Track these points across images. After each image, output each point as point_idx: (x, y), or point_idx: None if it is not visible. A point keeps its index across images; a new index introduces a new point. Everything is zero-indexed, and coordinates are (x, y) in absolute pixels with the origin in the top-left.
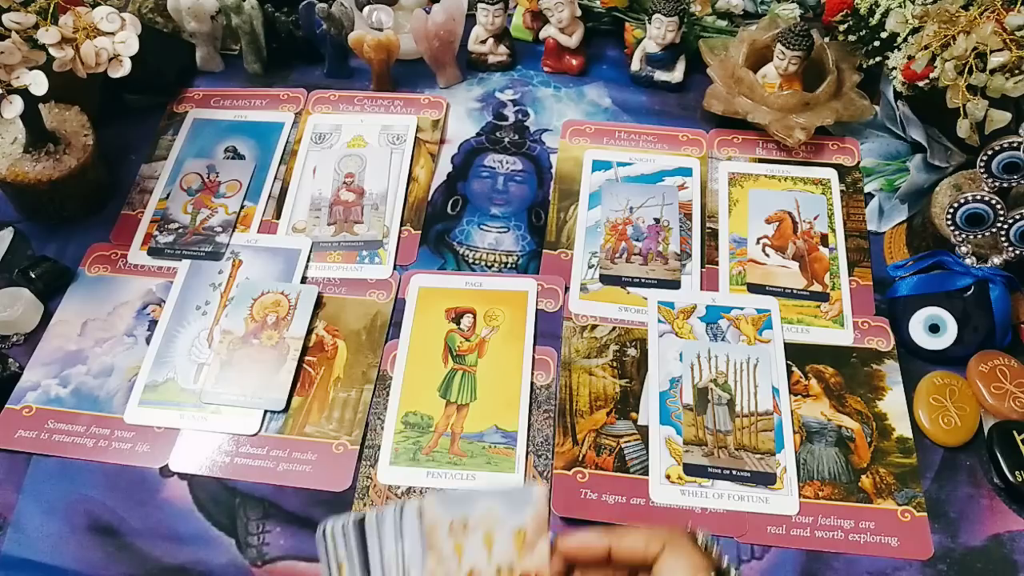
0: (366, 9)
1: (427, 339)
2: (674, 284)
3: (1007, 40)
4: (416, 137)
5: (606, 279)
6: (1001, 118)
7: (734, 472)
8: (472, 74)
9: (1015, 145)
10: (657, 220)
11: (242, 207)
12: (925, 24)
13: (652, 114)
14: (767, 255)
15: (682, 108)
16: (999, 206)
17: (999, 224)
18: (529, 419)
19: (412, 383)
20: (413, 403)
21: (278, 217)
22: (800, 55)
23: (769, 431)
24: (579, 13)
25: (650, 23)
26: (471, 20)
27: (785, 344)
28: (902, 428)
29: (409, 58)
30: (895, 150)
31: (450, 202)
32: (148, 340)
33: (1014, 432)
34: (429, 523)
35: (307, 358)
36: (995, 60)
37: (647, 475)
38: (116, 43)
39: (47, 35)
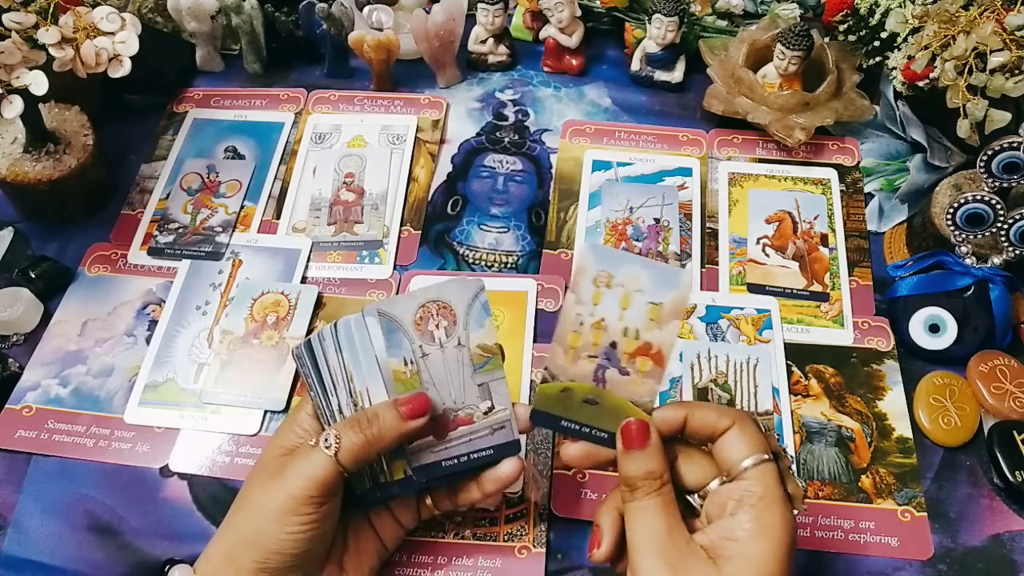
0: (366, 9)
1: None
2: None
3: (1007, 40)
4: (416, 137)
5: None
6: (1001, 118)
7: None
8: (472, 74)
9: (1015, 145)
10: (657, 220)
11: (242, 207)
12: (925, 24)
13: (652, 114)
14: (767, 255)
15: (682, 108)
16: (999, 206)
17: (999, 224)
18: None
19: None
20: None
21: (278, 217)
22: (800, 55)
23: (769, 431)
24: (579, 13)
25: (650, 23)
26: (471, 20)
27: (785, 344)
28: (902, 428)
29: (409, 58)
30: (895, 150)
31: (450, 202)
32: (148, 340)
33: (1014, 432)
34: (578, 266)
35: None
36: (995, 60)
37: None
38: (116, 43)
39: (47, 35)
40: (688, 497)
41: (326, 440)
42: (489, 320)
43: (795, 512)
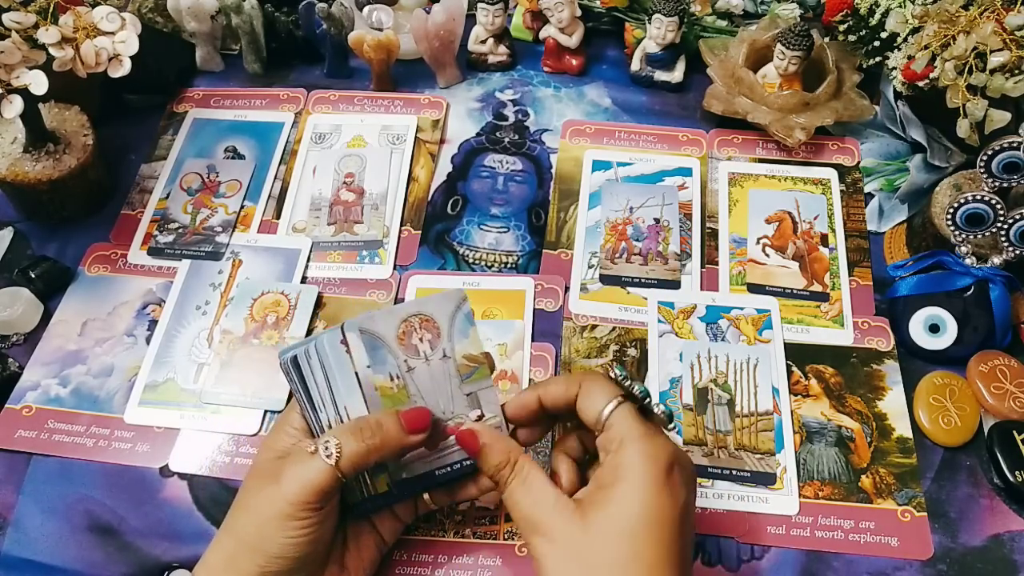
0: (366, 9)
1: None
2: (674, 284)
3: (1007, 40)
4: (416, 137)
5: (606, 279)
6: (1001, 118)
7: (734, 472)
8: (472, 74)
9: (1015, 145)
10: (657, 220)
11: (242, 207)
12: (925, 24)
13: (652, 114)
14: (767, 255)
15: (682, 108)
16: (999, 206)
17: (999, 224)
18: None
19: None
20: None
21: (278, 217)
22: (800, 55)
23: (769, 431)
24: (579, 13)
25: (650, 23)
26: (471, 20)
27: (785, 344)
28: (902, 428)
29: (409, 58)
30: (895, 150)
31: (450, 202)
32: (148, 340)
33: (1014, 432)
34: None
35: None
36: (995, 60)
37: None
38: (116, 43)
39: (47, 35)
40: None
41: (326, 447)
42: (473, 330)
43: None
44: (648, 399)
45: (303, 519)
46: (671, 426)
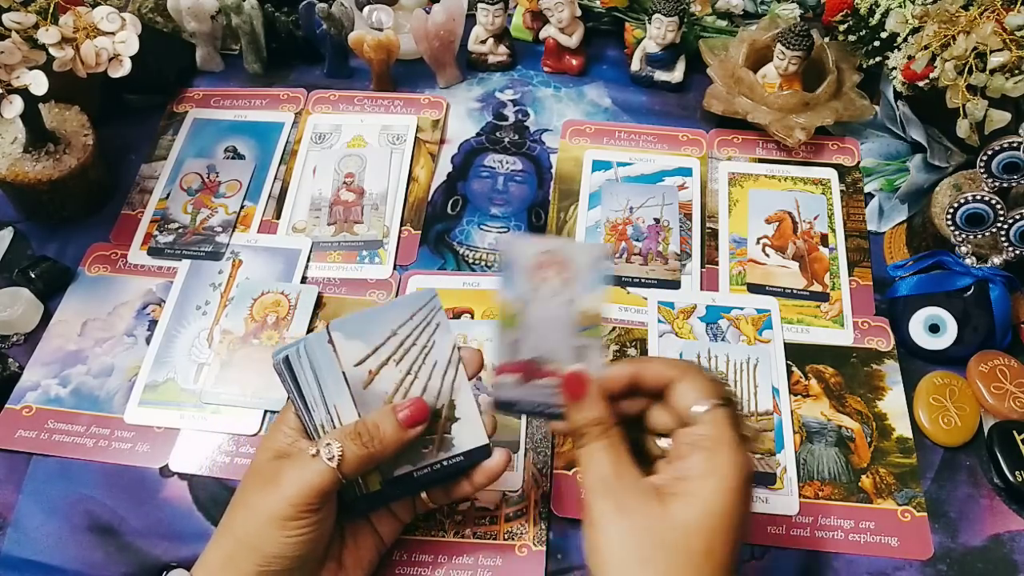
0: (366, 9)
1: None
2: (674, 284)
3: (1007, 40)
4: (416, 137)
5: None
6: (1001, 118)
7: None
8: (472, 74)
9: (1015, 145)
10: (657, 220)
11: (242, 207)
12: (925, 24)
13: (652, 114)
14: (767, 255)
15: (682, 108)
16: (999, 206)
17: (999, 224)
18: (528, 418)
19: None
20: None
21: (278, 217)
22: (800, 55)
23: (769, 431)
24: (579, 13)
25: (650, 23)
26: (471, 20)
27: (785, 344)
28: (902, 428)
29: (409, 58)
30: (895, 150)
31: (450, 202)
32: (148, 340)
33: (1014, 432)
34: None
35: None
36: (995, 60)
37: None
38: (116, 43)
39: (47, 35)
40: (658, 441)
41: (328, 450)
42: (604, 290)
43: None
44: (742, 410)
45: (302, 520)
46: (757, 444)
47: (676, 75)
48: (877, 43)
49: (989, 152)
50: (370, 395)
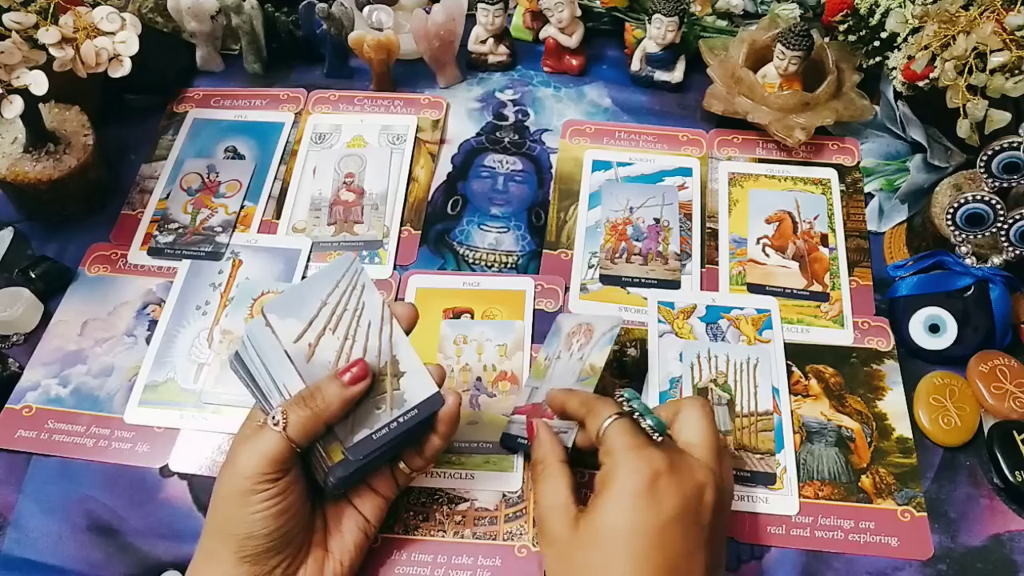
0: (366, 9)
1: (425, 339)
2: (674, 284)
3: (1007, 40)
4: (416, 137)
5: (606, 279)
6: (1001, 118)
7: (734, 472)
8: (472, 74)
9: (1015, 145)
10: (657, 220)
11: (242, 207)
12: (925, 24)
13: (652, 114)
14: (767, 255)
15: (682, 108)
16: (999, 206)
17: (999, 224)
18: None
19: None
20: None
21: (278, 217)
22: (800, 55)
23: (769, 431)
24: (579, 13)
25: (650, 23)
26: (471, 20)
27: (785, 344)
28: (902, 428)
29: (409, 58)
30: (895, 150)
31: (450, 202)
32: (148, 340)
33: (1014, 432)
34: (442, 337)
35: None
36: (995, 60)
37: None
38: (116, 43)
39: (47, 35)
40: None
41: (274, 418)
42: (608, 348)
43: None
44: (636, 413)
45: (261, 491)
46: (658, 438)
47: (676, 75)
48: (877, 43)
49: (989, 152)
50: (315, 367)
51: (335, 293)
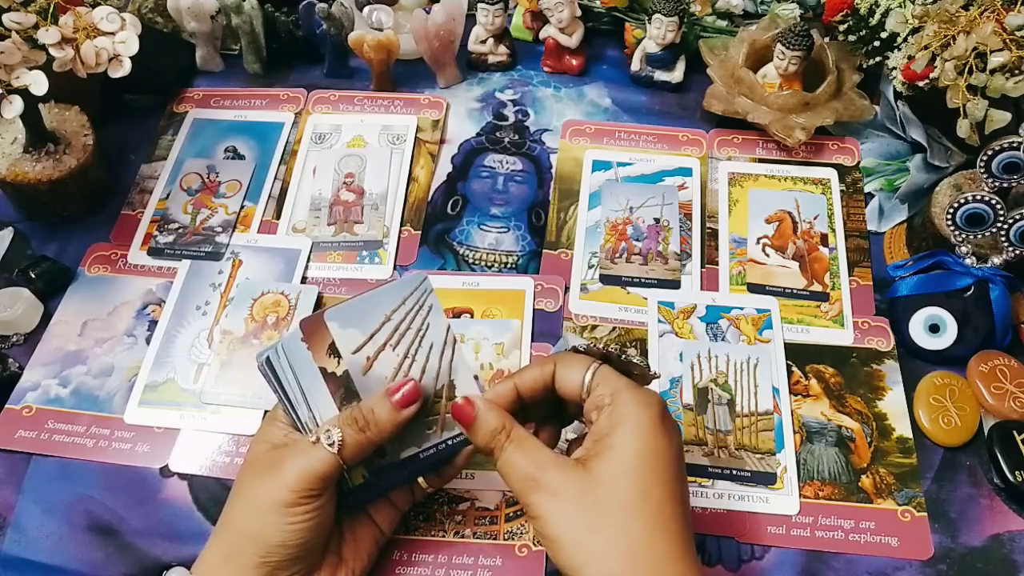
0: (366, 9)
1: None
2: (674, 284)
3: (1007, 40)
4: (416, 137)
5: (606, 279)
6: (1001, 118)
7: (734, 472)
8: (472, 74)
9: (1015, 145)
10: (657, 220)
11: (242, 207)
12: (925, 24)
13: (652, 114)
14: (767, 255)
15: (682, 108)
16: (999, 206)
17: (999, 224)
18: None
19: None
20: None
21: (278, 217)
22: (800, 55)
23: (769, 431)
24: (579, 13)
25: (650, 23)
26: (471, 20)
27: (785, 344)
28: (902, 428)
29: (409, 58)
30: (895, 150)
31: (450, 202)
32: (148, 340)
33: (1014, 432)
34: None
35: None
36: (995, 60)
37: None
38: (116, 43)
39: (47, 35)
40: (565, 430)
41: (328, 436)
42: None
43: (647, 384)
44: (625, 356)
45: (303, 506)
46: (654, 375)
47: (676, 75)
48: (877, 43)
49: (989, 152)
50: (370, 380)
51: (400, 310)
